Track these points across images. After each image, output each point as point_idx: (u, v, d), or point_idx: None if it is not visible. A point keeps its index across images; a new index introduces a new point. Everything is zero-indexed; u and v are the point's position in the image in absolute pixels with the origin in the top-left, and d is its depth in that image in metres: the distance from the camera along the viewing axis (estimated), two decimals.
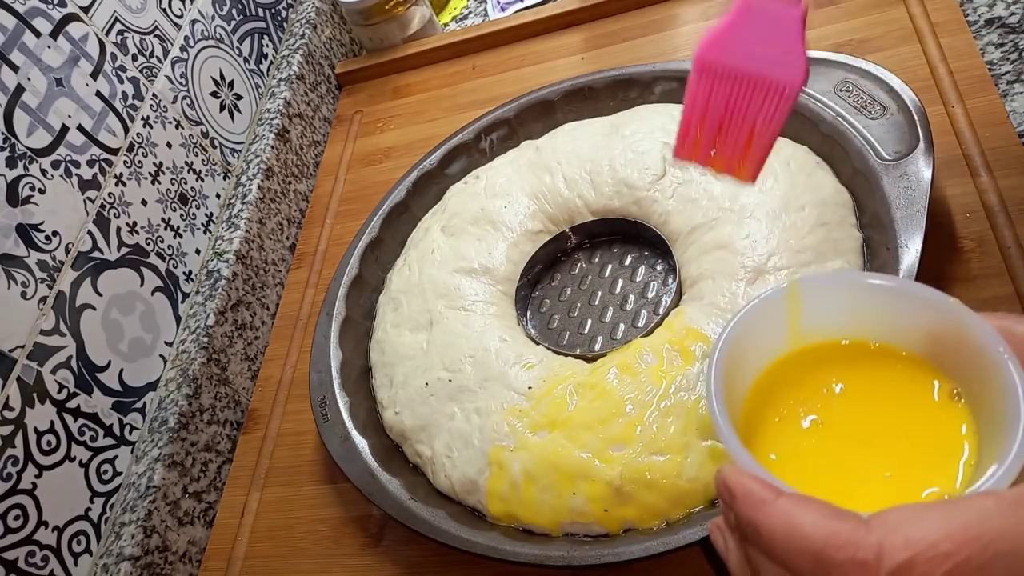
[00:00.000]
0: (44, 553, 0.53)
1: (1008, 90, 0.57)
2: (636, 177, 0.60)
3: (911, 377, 0.30)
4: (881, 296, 0.30)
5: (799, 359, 0.32)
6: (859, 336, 0.31)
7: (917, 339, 0.30)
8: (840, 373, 0.31)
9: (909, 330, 0.30)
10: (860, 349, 0.31)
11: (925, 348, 0.30)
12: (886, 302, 0.30)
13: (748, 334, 0.31)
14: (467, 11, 0.94)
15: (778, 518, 0.23)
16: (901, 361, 0.30)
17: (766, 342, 0.32)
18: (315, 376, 0.60)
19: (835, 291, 0.32)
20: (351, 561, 0.56)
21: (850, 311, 0.31)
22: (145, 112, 0.69)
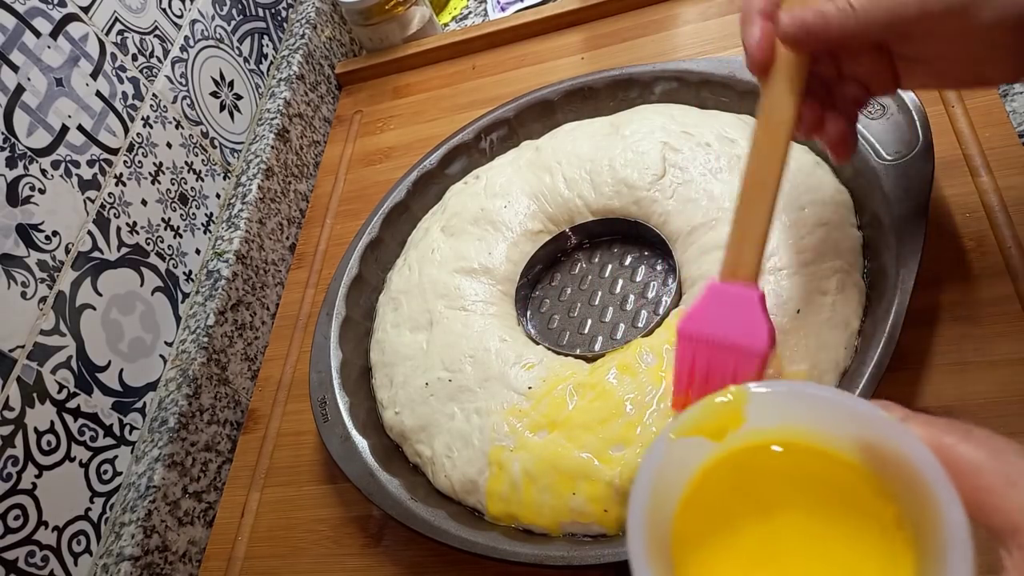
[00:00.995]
0: (44, 553, 0.53)
1: (1008, 90, 0.57)
2: (636, 177, 0.60)
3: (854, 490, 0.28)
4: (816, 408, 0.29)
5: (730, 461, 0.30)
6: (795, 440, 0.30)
7: (856, 452, 0.28)
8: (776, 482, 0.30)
9: (847, 443, 0.28)
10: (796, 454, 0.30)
11: (865, 462, 0.28)
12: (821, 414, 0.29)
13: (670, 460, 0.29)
14: (467, 11, 0.94)
15: None
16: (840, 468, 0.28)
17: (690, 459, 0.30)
18: (315, 376, 0.60)
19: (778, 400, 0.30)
20: (351, 561, 0.56)
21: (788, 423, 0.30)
22: (145, 112, 0.69)
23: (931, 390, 0.48)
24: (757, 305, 0.41)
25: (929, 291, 0.51)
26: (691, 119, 0.61)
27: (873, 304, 0.49)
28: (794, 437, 0.30)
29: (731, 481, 0.30)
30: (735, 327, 0.41)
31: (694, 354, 0.42)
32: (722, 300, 0.42)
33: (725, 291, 0.42)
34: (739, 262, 0.42)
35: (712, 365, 0.42)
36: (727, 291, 0.42)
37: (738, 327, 0.41)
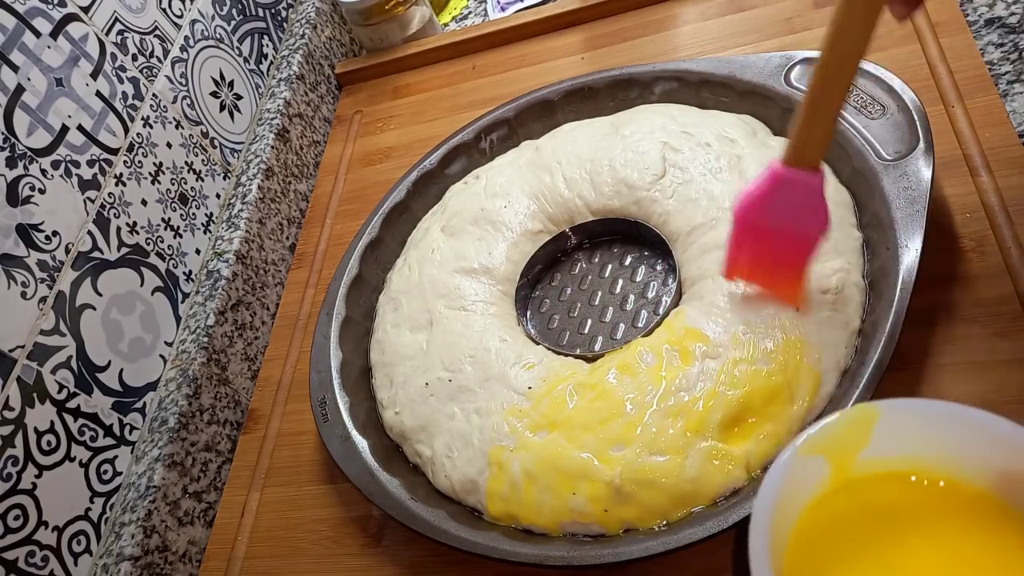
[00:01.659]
0: (44, 553, 0.53)
1: (1008, 90, 0.57)
2: (636, 177, 0.60)
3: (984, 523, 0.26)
4: (950, 428, 0.27)
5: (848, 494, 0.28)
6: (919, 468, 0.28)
7: (990, 479, 0.26)
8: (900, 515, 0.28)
9: (980, 469, 0.26)
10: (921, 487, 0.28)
11: (1000, 489, 0.26)
12: (955, 435, 0.27)
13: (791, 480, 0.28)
14: (467, 11, 0.94)
15: None
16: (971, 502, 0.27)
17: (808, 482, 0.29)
18: (315, 376, 0.60)
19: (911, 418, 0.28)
20: (351, 561, 0.56)
21: (915, 443, 0.28)
22: (145, 112, 0.69)
23: (931, 390, 0.48)
24: (820, 192, 0.41)
25: (929, 291, 0.51)
26: (691, 119, 0.61)
27: (873, 304, 0.49)
28: (919, 463, 0.27)
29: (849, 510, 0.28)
30: (794, 214, 0.42)
31: (748, 238, 0.44)
32: (783, 187, 0.42)
33: (788, 178, 0.42)
34: (808, 143, 0.40)
35: (764, 250, 0.44)
36: (790, 178, 0.42)
37: (797, 214, 0.42)
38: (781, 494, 0.27)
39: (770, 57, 0.60)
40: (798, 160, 0.41)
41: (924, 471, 0.27)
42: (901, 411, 0.28)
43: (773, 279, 0.48)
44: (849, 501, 0.28)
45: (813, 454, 0.28)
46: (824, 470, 0.29)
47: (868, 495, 0.28)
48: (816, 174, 0.41)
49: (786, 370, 0.46)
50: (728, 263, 0.48)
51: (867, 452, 0.28)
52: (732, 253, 0.47)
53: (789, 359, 0.47)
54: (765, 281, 0.48)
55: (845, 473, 0.29)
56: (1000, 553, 0.25)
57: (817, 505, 0.28)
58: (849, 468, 0.29)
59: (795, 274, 0.46)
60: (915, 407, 0.28)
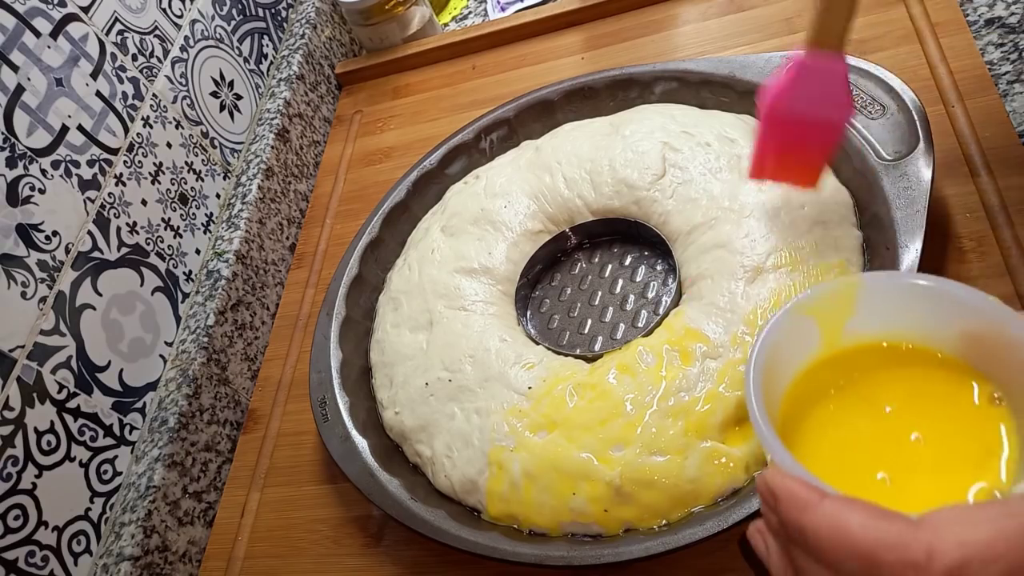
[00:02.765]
0: (44, 553, 0.53)
1: (1008, 90, 0.57)
2: (636, 177, 0.60)
3: (949, 379, 0.30)
4: (918, 296, 0.30)
5: (836, 362, 0.32)
6: (897, 339, 0.31)
7: (954, 340, 0.30)
8: (880, 376, 0.31)
9: (946, 331, 0.30)
10: (898, 352, 0.31)
11: (962, 350, 0.30)
12: (923, 302, 0.30)
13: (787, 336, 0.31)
14: (467, 11, 0.94)
15: (825, 521, 0.23)
16: (939, 364, 0.30)
17: (802, 345, 0.32)
18: (315, 376, 0.60)
19: (889, 290, 0.32)
20: (351, 561, 0.56)
21: (891, 313, 0.31)
22: (145, 112, 0.69)
23: None
24: (844, 77, 0.42)
25: None
26: (691, 119, 0.61)
27: None
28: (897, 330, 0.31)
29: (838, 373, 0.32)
30: (820, 101, 0.43)
31: (776, 129, 0.45)
32: (809, 75, 0.43)
33: (812, 66, 0.42)
34: (829, 29, 0.41)
35: (794, 139, 0.45)
36: (814, 65, 0.42)
37: (823, 101, 0.43)
38: (777, 347, 0.31)
39: (770, 57, 0.60)
40: (821, 43, 0.42)
41: (900, 338, 0.32)
42: (880, 282, 0.32)
43: (797, 169, 0.49)
44: (835, 370, 0.32)
45: (806, 315, 0.32)
46: (816, 335, 0.32)
47: (851, 363, 0.32)
48: (839, 58, 0.42)
49: None
50: (755, 162, 0.48)
51: (853, 323, 0.32)
52: (759, 149, 0.47)
53: None
54: (788, 174, 0.49)
55: (834, 342, 0.32)
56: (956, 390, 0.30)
57: (809, 373, 0.32)
58: (838, 337, 0.32)
59: (819, 160, 0.47)
60: (892, 279, 0.32)
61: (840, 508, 0.23)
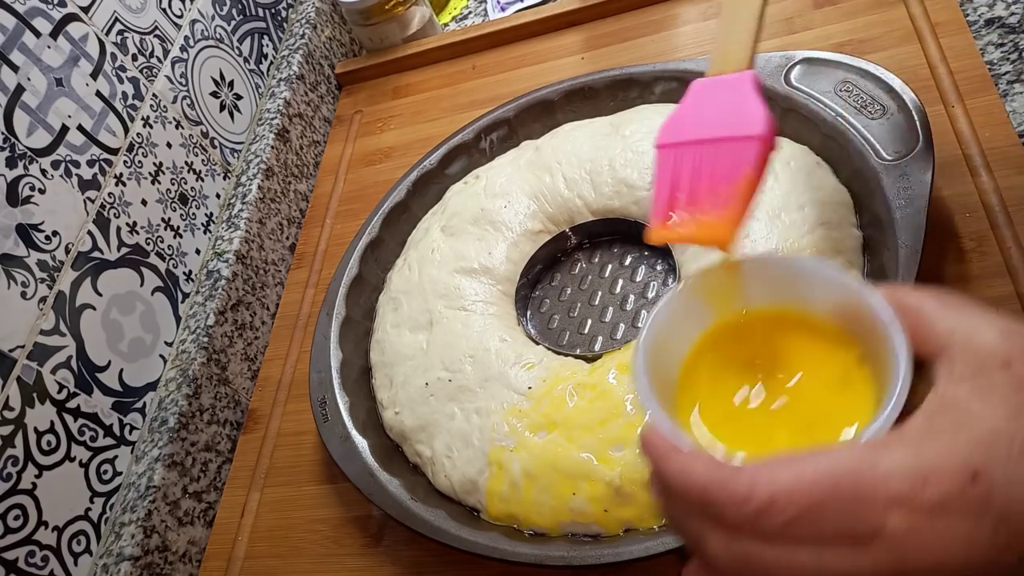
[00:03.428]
0: (44, 553, 0.53)
1: (1008, 90, 0.57)
2: (636, 177, 0.60)
3: (826, 344, 0.33)
4: (793, 274, 0.34)
5: (729, 331, 0.35)
6: (784, 309, 0.35)
7: (831, 312, 0.33)
8: (767, 343, 0.35)
9: (824, 304, 0.33)
10: (784, 320, 0.35)
11: (838, 320, 0.33)
12: (798, 279, 0.34)
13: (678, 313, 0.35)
14: (467, 11, 0.94)
15: (676, 467, 0.28)
16: (818, 329, 0.34)
17: (695, 320, 0.35)
18: (315, 376, 0.60)
19: (769, 267, 0.35)
20: (351, 561, 0.56)
21: (776, 288, 0.35)
22: (145, 112, 0.69)
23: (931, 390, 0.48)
24: (749, 86, 0.36)
25: None
26: None
27: None
28: (781, 304, 0.35)
29: (726, 344, 0.35)
30: (723, 119, 0.36)
31: (677, 164, 0.36)
32: (706, 96, 0.37)
33: (709, 85, 0.37)
34: (727, 53, 0.37)
35: (701, 169, 0.36)
36: (711, 84, 0.37)
37: (727, 117, 0.36)
38: (669, 323, 0.34)
39: (770, 57, 0.60)
40: (722, 68, 0.37)
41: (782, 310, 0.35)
42: (758, 263, 0.35)
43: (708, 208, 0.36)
44: (726, 336, 0.35)
45: (695, 294, 0.35)
46: (708, 310, 0.35)
47: (741, 329, 0.35)
48: (742, 73, 0.37)
49: None
50: (655, 210, 0.37)
51: (741, 298, 0.35)
52: (658, 194, 0.37)
53: None
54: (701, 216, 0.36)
55: (726, 312, 0.35)
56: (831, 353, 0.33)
57: (704, 342, 0.35)
58: (730, 308, 0.35)
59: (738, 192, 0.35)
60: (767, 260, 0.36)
61: (689, 458, 0.28)
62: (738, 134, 0.35)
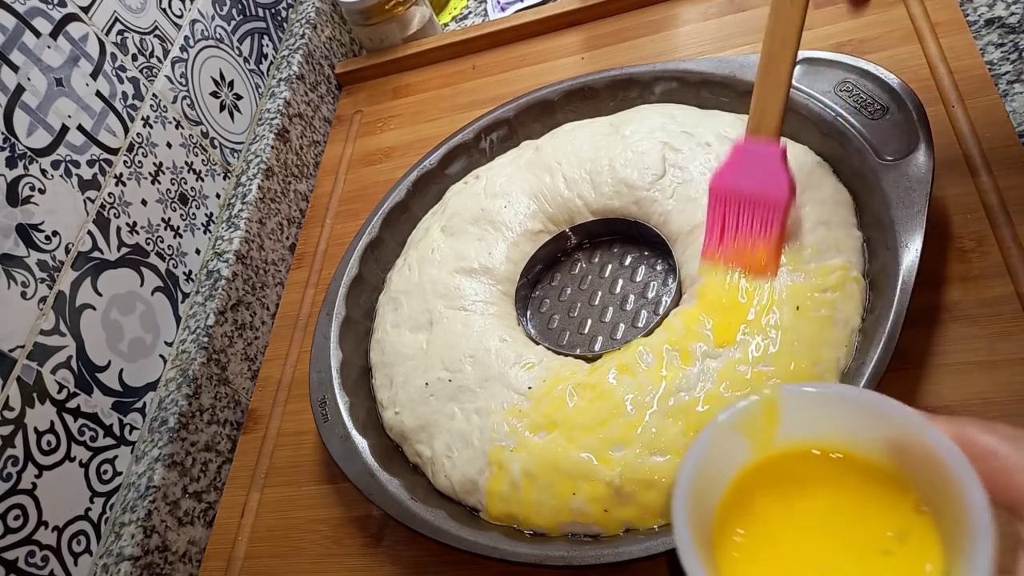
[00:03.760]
0: (44, 553, 0.53)
1: (1008, 90, 0.57)
2: (636, 177, 0.60)
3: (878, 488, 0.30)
4: (839, 406, 0.31)
5: (767, 470, 0.32)
6: (826, 446, 0.31)
7: (882, 450, 0.30)
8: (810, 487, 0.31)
9: (874, 441, 0.30)
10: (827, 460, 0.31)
11: (890, 459, 0.30)
12: (845, 412, 0.30)
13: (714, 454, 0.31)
14: (467, 11, 0.94)
15: None
16: (867, 471, 0.30)
17: (731, 458, 0.32)
18: (315, 376, 0.60)
19: (811, 401, 0.32)
20: (351, 561, 0.56)
21: (817, 421, 0.31)
22: (145, 112, 0.69)
23: (931, 390, 0.48)
24: (779, 159, 0.47)
25: (929, 291, 0.51)
26: (691, 119, 0.61)
27: (873, 303, 0.49)
28: (825, 439, 0.31)
29: (768, 483, 0.31)
30: (759, 181, 0.48)
31: (724, 207, 0.49)
32: (747, 158, 0.48)
33: (749, 149, 0.48)
34: (762, 120, 0.47)
35: (741, 217, 0.49)
36: (751, 149, 0.48)
37: (762, 180, 0.48)
38: (705, 467, 0.30)
39: None
40: (757, 131, 0.48)
41: (826, 446, 0.31)
42: (799, 394, 0.32)
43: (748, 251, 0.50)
44: (766, 475, 0.32)
45: (732, 431, 0.32)
46: (744, 447, 0.32)
47: (781, 468, 0.32)
48: (773, 145, 0.47)
49: (786, 370, 0.46)
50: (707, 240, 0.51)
51: (781, 431, 0.32)
52: (710, 227, 0.51)
53: (789, 359, 0.47)
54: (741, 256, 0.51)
55: (765, 449, 0.32)
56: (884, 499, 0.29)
57: (740, 480, 0.32)
58: (769, 446, 0.32)
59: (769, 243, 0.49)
60: (811, 391, 0.32)
61: None
62: (770, 195, 0.48)
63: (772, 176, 0.48)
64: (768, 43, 0.46)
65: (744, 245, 0.50)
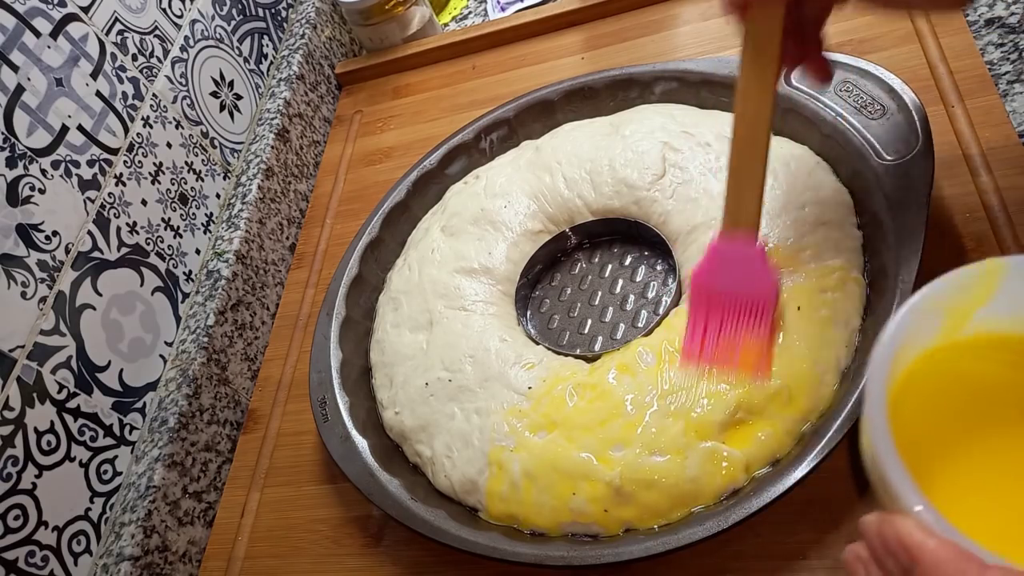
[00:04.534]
0: (44, 553, 0.53)
1: (1008, 90, 0.57)
2: (636, 177, 0.60)
3: None
4: None
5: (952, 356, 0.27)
6: None
7: None
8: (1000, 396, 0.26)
9: None
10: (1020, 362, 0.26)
11: None
12: None
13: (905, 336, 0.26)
14: (467, 11, 0.94)
15: None
16: None
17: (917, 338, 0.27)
18: (315, 376, 0.60)
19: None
20: (351, 561, 0.56)
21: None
22: (145, 112, 0.69)
23: None
24: (762, 259, 0.44)
25: None
26: (691, 119, 0.61)
27: (873, 303, 0.49)
28: None
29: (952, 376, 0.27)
30: (743, 281, 0.44)
31: (706, 308, 0.45)
32: (727, 257, 0.45)
33: (728, 249, 0.45)
34: (739, 212, 0.44)
35: (725, 318, 0.45)
36: (730, 249, 0.44)
37: (746, 281, 0.44)
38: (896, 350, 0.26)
39: None
40: (734, 225, 0.44)
41: None
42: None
43: (737, 351, 0.46)
44: (953, 365, 0.27)
45: (932, 306, 0.27)
46: (937, 323, 0.27)
47: (971, 364, 0.27)
48: (754, 242, 0.44)
49: (786, 370, 0.46)
50: (688, 339, 0.46)
51: (984, 311, 0.27)
52: (692, 327, 0.46)
53: (789, 359, 0.47)
54: (729, 357, 0.46)
55: (957, 329, 0.27)
56: None
57: (922, 360, 0.27)
58: (963, 324, 0.27)
59: (759, 342, 0.45)
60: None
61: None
62: (755, 295, 0.44)
63: (756, 276, 0.44)
64: (738, 128, 0.42)
65: (731, 346, 0.46)
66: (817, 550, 0.45)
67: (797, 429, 0.46)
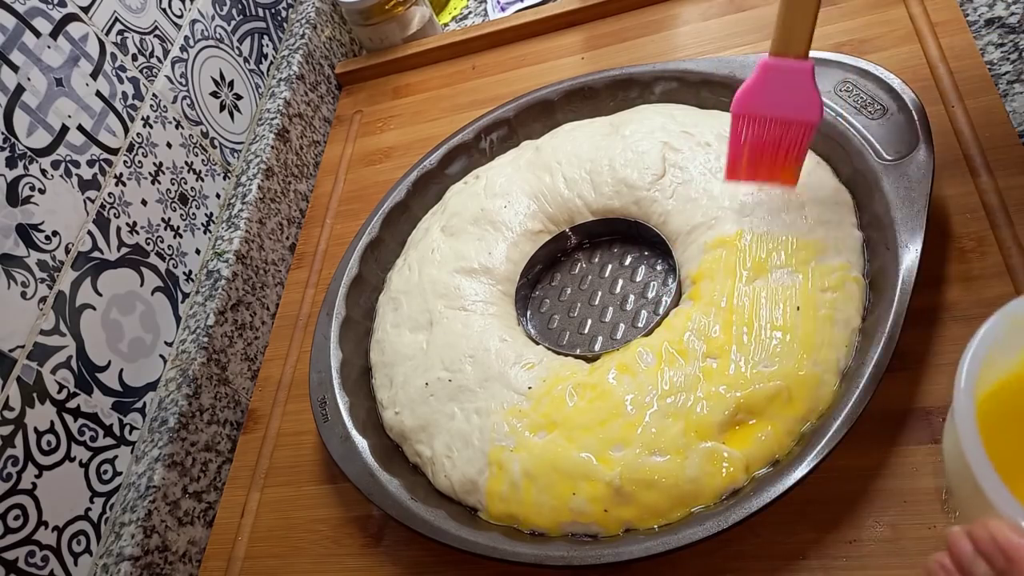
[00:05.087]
0: (44, 553, 0.53)
1: (1008, 90, 0.57)
2: (636, 177, 0.60)
3: None
4: None
5: None
6: None
7: None
8: None
9: None
10: None
11: None
12: None
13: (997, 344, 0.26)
14: (467, 11, 0.94)
15: None
16: None
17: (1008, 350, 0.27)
18: (315, 376, 0.60)
19: None
20: (351, 561, 0.56)
21: None
22: (145, 112, 0.69)
23: (931, 390, 0.48)
24: (809, 79, 0.44)
25: (929, 291, 0.51)
26: (691, 119, 0.61)
27: (873, 303, 0.49)
28: None
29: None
30: (787, 102, 0.45)
31: (747, 130, 0.47)
32: (775, 76, 0.45)
33: (777, 67, 0.45)
34: (791, 37, 0.44)
35: (767, 140, 0.47)
36: (779, 66, 0.45)
37: (790, 101, 0.45)
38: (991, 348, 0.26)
39: None
40: (784, 50, 0.44)
41: None
42: None
43: (772, 168, 0.50)
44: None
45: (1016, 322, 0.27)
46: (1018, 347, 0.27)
47: None
48: (804, 62, 0.44)
49: (786, 371, 0.46)
50: (729, 163, 0.50)
51: None
52: (732, 151, 0.49)
53: (789, 359, 0.47)
54: (764, 173, 0.51)
55: None
56: None
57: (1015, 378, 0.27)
58: None
59: (793, 159, 0.49)
60: None
61: None
62: (799, 119, 0.45)
63: (802, 96, 0.45)
64: None
65: (769, 163, 0.49)
66: (817, 550, 0.45)
67: (797, 429, 0.46)
